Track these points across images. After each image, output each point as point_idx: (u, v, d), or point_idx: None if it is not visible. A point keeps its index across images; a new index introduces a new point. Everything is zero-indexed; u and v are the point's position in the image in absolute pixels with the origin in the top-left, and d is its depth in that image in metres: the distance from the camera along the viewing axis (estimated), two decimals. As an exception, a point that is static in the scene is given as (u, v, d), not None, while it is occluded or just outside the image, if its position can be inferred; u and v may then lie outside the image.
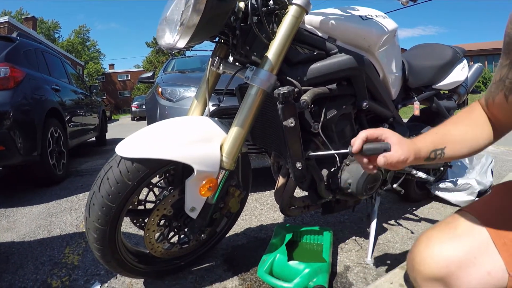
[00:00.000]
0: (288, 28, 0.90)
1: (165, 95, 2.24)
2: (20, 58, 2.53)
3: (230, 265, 1.21)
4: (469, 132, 0.65)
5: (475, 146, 0.65)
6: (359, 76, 1.05)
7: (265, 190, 2.14)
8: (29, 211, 1.96)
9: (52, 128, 2.61)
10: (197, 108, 1.11)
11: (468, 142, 0.65)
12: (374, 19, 1.08)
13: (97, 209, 0.86)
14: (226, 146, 0.92)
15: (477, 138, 0.65)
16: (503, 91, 0.57)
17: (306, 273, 0.95)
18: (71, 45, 34.03)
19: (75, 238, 1.52)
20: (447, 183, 1.76)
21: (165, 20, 0.95)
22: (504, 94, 0.57)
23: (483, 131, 0.65)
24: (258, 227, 1.56)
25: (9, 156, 2.12)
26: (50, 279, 1.16)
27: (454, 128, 0.67)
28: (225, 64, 1.06)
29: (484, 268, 0.52)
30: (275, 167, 1.30)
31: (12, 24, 15.49)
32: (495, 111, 0.62)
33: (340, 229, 1.50)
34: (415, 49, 1.63)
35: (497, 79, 0.58)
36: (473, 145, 0.65)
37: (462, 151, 0.66)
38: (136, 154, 0.86)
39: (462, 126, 0.66)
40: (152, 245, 1.02)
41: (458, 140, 0.65)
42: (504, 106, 0.58)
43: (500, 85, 0.57)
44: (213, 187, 0.91)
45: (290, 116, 0.91)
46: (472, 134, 0.65)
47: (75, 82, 4.15)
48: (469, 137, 0.65)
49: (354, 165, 1.09)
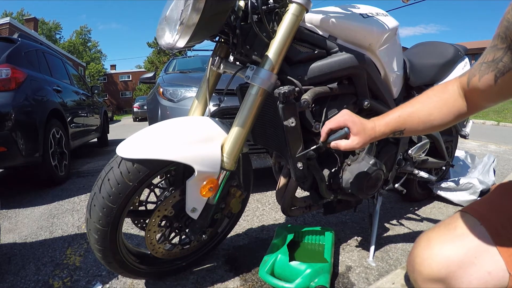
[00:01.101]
0: (288, 27, 0.89)
1: (166, 95, 2.24)
2: (22, 59, 2.54)
3: (231, 266, 1.20)
4: (434, 113, 0.69)
5: (434, 126, 0.70)
6: (360, 75, 1.05)
7: (267, 190, 2.14)
8: (31, 212, 1.96)
9: (54, 129, 2.62)
10: (198, 108, 1.11)
11: (428, 123, 0.70)
12: (375, 17, 1.08)
13: (98, 210, 0.86)
14: (227, 146, 0.92)
15: (442, 118, 0.69)
16: (494, 72, 0.56)
17: (307, 273, 0.95)
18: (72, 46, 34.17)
19: (76, 239, 1.52)
20: (449, 183, 1.75)
21: (165, 19, 0.94)
22: (494, 75, 0.56)
23: (450, 111, 0.68)
24: (259, 228, 1.56)
25: (11, 158, 2.13)
26: (51, 280, 1.16)
27: (421, 109, 0.71)
28: (226, 64, 1.06)
29: (485, 268, 0.52)
30: (276, 167, 1.29)
31: (13, 25, 15.56)
32: (477, 91, 0.62)
33: (342, 229, 1.49)
34: (416, 48, 1.62)
35: (489, 59, 0.57)
36: (433, 125, 0.70)
37: (419, 129, 0.72)
38: (137, 155, 0.85)
39: (430, 106, 0.70)
40: (153, 246, 1.02)
41: (421, 121, 0.70)
42: (490, 86, 0.58)
43: (492, 65, 0.56)
44: (214, 187, 0.91)
45: (291, 116, 0.91)
46: (436, 115, 0.69)
47: (77, 83, 4.16)
48: (432, 118, 0.69)
49: (356, 165, 1.09)
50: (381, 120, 0.75)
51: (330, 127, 0.78)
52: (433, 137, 1.45)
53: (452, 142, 1.77)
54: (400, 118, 0.72)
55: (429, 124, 0.70)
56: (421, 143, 1.33)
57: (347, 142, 0.75)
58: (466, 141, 4.06)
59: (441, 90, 0.70)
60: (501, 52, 0.55)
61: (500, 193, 0.63)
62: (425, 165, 1.51)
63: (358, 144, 0.74)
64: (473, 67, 0.63)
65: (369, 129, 0.74)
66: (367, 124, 0.75)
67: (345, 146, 0.75)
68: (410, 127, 0.72)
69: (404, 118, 0.72)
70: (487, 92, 0.59)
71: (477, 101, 0.64)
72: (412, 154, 1.31)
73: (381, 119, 0.75)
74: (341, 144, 0.76)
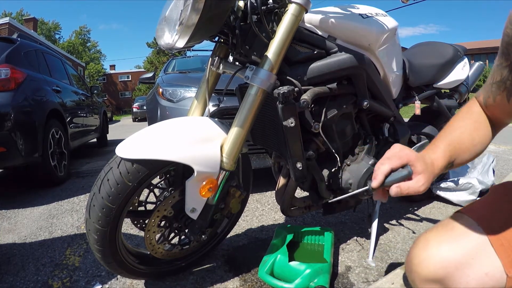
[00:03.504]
0: (287, 27, 0.89)
1: (165, 95, 2.24)
2: (21, 59, 2.54)
3: (231, 266, 1.20)
4: (475, 138, 0.63)
5: (479, 151, 0.64)
6: (359, 75, 1.05)
7: (266, 190, 2.14)
8: (30, 212, 1.96)
9: (53, 129, 2.62)
10: (197, 109, 1.11)
11: (473, 148, 0.63)
12: (374, 17, 1.08)
13: (98, 210, 0.86)
14: (226, 146, 0.92)
15: (482, 142, 0.64)
16: (505, 92, 0.57)
17: (307, 273, 0.95)
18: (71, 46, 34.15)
19: (76, 240, 1.52)
20: (448, 183, 1.75)
21: (164, 19, 0.95)
22: (506, 95, 0.57)
23: (485, 133, 0.64)
24: (259, 228, 1.56)
25: (10, 158, 2.12)
26: (51, 281, 1.16)
27: (463, 133, 0.63)
28: (225, 64, 1.06)
29: (482, 269, 0.52)
30: (276, 168, 1.29)
31: (13, 25, 15.56)
32: (496, 110, 0.62)
33: (341, 230, 1.49)
34: (415, 48, 1.62)
35: (498, 79, 0.58)
36: (478, 150, 0.64)
37: (467, 158, 0.63)
38: (136, 155, 0.85)
39: (469, 129, 0.64)
40: (152, 246, 1.01)
41: (466, 148, 0.63)
42: (505, 105, 0.58)
43: (501, 86, 0.57)
44: (213, 187, 0.91)
45: (290, 116, 0.91)
46: (478, 139, 0.63)
47: (76, 83, 4.16)
48: (475, 143, 0.63)
49: (355, 165, 1.09)
50: (436, 152, 0.61)
51: (391, 166, 0.58)
52: (433, 137, 1.44)
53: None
54: (450, 146, 0.62)
55: (473, 149, 0.63)
56: (421, 143, 1.33)
57: (411, 184, 0.57)
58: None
59: (468, 113, 0.66)
60: (506, 71, 0.55)
61: (498, 194, 0.63)
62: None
63: (424, 185, 0.56)
64: (485, 87, 0.63)
65: (430, 165, 0.59)
66: (426, 159, 0.60)
67: (410, 191, 0.56)
68: (459, 156, 0.62)
69: (454, 146, 0.62)
70: (505, 110, 0.60)
71: (500, 117, 0.63)
72: (411, 154, 1.31)
73: (434, 151, 0.61)
74: (403, 188, 0.57)
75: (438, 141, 0.63)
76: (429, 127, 1.46)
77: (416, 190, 0.56)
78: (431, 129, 1.46)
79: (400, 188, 0.57)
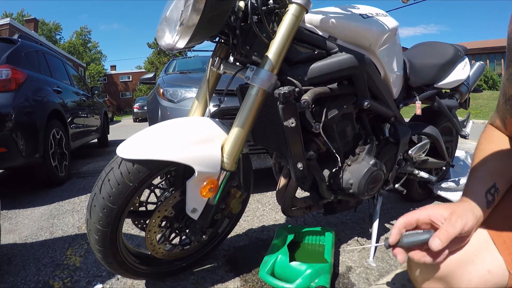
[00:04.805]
0: (288, 27, 0.89)
1: (166, 96, 2.24)
2: (22, 60, 2.54)
3: (232, 266, 1.20)
4: (510, 164, 0.60)
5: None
6: (360, 75, 1.05)
7: (267, 191, 2.14)
8: (31, 213, 1.96)
9: (54, 129, 2.62)
10: (198, 109, 1.11)
11: (508, 176, 0.59)
12: (374, 17, 1.08)
13: (98, 210, 0.86)
14: (227, 147, 0.92)
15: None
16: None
17: (308, 274, 0.95)
18: (72, 47, 34.16)
19: (77, 240, 1.52)
20: (449, 183, 1.75)
21: (165, 20, 0.95)
22: None
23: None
24: (259, 228, 1.56)
25: (11, 158, 2.13)
26: (52, 281, 1.16)
27: (496, 162, 0.60)
28: (226, 64, 1.06)
29: (484, 267, 0.52)
30: (276, 168, 1.29)
31: (14, 26, 15.56)
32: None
33: (342, 230, 1.49)
34: (416, 48, 1.62)
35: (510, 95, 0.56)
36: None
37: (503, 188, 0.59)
38: (137, 155, 0.85)
39: (502, 158, 0.61)
40: (153, 246, 1.02)
41: (506, 179, 0.59)
42: None
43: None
44: (214, 188, 0.91)
45: (291, 116, 0.91)
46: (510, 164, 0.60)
47: (77, 83, 4.16)
48: (510, 169, 0.60)
49: (356, 165, 1.09)
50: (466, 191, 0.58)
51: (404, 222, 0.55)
52: (433, 137, 1.45)
53: (452, 142, 1.77)
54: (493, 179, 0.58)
55: (509, 177, 0.60)
56: (421, 143, 1.33)
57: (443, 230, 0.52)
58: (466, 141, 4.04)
59: (489, 141, 0.64)
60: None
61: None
62: (425, 165, 1.51)
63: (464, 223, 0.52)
64: (499, 107, 0.61)
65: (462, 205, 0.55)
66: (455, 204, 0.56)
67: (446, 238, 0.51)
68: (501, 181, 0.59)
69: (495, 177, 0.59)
70: None
71: None
72: (412, 155, 1.31)
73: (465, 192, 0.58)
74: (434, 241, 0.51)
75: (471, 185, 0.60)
76: (430, 127, 1.46)
77: (458, 231, 0.52)
78: (432, 129, 1.45)
79: (439, 237, 0.51)
